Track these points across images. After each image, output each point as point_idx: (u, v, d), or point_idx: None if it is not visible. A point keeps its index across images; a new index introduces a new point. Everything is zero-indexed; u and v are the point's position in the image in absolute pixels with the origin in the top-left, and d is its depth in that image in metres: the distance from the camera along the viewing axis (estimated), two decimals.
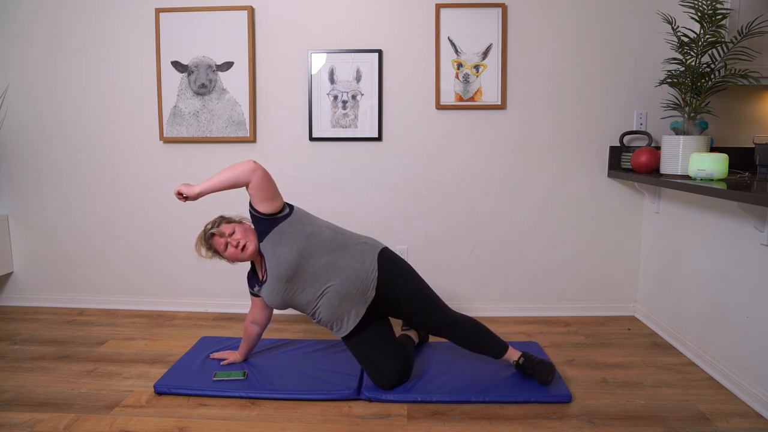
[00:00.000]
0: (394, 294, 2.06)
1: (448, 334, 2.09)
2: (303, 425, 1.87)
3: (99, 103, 3.03)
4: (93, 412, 1.95)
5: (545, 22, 2.83)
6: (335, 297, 2.02)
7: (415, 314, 2.07)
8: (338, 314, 2.06)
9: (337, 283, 2.02)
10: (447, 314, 2.08)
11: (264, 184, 1.96)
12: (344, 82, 2.89)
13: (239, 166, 1.95)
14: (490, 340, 2.11)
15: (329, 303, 2.03)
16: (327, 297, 2.03)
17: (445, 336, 2.09)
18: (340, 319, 2.07)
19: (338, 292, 2.02)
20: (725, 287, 2.16)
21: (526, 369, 2.10)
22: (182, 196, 2.00)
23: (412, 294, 2.06)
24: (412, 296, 2.06)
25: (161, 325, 2.88)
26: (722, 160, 2.12)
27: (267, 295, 2.07)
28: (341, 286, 2.02)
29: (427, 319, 2.07)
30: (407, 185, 2.97)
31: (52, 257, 3.18)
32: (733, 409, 1.95)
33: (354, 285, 2.02)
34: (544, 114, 2.89)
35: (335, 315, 2.06)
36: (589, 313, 3.02)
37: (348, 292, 2.02)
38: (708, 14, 2.31)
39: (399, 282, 2.06)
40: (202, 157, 3.02)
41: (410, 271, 2.11)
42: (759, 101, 2.81)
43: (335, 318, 2.07)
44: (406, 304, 2.06)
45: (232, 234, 2.03)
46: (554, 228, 2.97)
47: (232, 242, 2.01)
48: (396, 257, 2.13)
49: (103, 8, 2.95)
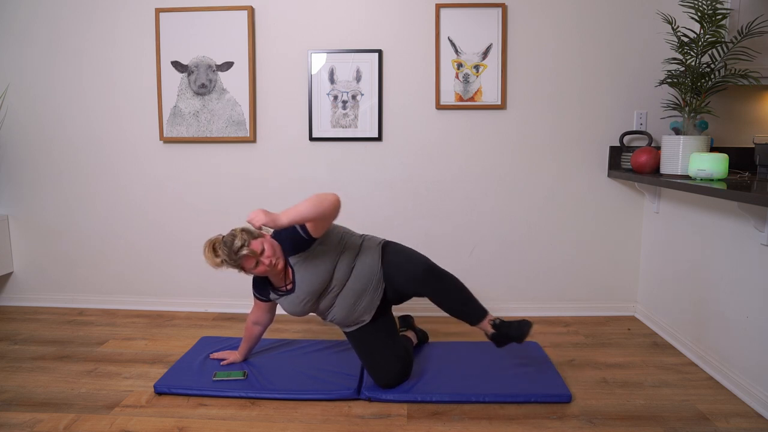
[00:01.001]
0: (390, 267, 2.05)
1: (430, 286, 1.98)
2: (303, 425, 1.87)
3: (99, 103, 3.03)
4: (93, 412, 1.95)
5: (545, 22, 2.83)
6: (351, 296, 2.06)
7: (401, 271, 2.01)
8: (353, 311, 2.08)
9: (351, 283, 2.05)
10: (428, 263, 2.01)
11: (336, 216, 1.96)
12: (344, 82, 2.89)
13: (327, 200, 1.88)
14: (471, 300, 2.04)
15: (345, 303, 2.07)
16: (342, 297, 2.06)
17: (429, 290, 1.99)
18: (354, 314, 2.09)
19: (354, 290, 2.05)
20: (725, 287, 2.16)
21: (502, 328, 2.02)
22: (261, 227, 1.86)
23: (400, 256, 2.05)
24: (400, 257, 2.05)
25: (161, 325, 2.88)
26: (722, 160, 2.12)
27: (291, 306, 2.07)
28: (355, 283, 2.05)
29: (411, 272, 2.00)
30: (407, 185, 2.97)
31: (52, 257, 3.18)
32: (733, 409, 1.95)
33: (369, 280, 2.06)
34: (544, 114, 2.89)
35: (350, 312, 2.08)
36: (589, 313, 3.02)
37: (362, 288, 2.06)
38: (708, 14, 2.31)
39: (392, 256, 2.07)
40: (202, 157, 3.02)
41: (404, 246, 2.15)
42: (759, 101, 2.81)
43: (349, 315, 2.09)
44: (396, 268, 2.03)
45: (262, 252, 1.94)
46: (554, 228, 2.97)
47: (264, 261, 1.93)
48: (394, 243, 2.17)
49: (103, 8, 2.95)
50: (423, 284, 1.99)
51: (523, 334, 1.99)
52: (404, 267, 2.02)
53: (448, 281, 2.03)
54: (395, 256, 2.07)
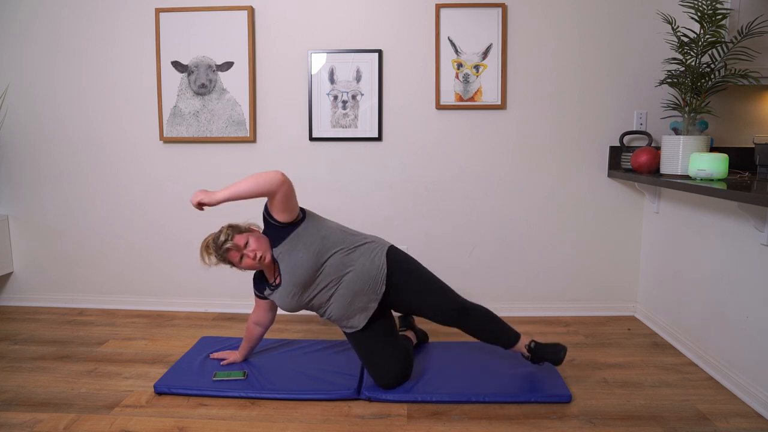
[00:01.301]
0: (405, 285, 2.06)
1: (459, 323, 2.05)
2: (303, 425, 1.87)
3: (99, 103, 3.03)
4: (93, 412, 1.95)
5: (545, 22, 2.83)
6: (347, 295, 2.04)
7: (426, 304, 2.05)
8: (350, 311, 2.07)
9: (348, 282, 2.03)
10: (458, 302, 2.06)
11: (289, 195, 1.93)
12: (344, 82, 2.89)
13: (266, 176, 1.88)
14: (502, 329, 2.09)
15: (341, 301, 2.05)
16: (339, 295, 2.04)
17: (457, 325, 2.06)
18: (351, 316, 2.08)
19: (350, 290, 2.03)
20: (725, 287, 2.16)
21: (538, 351, 2.08)
22: (200, 205, 1.90)
23: (422, 284, 2.06)
24: (422, 286, 2.06)
25: (161, 325, 2.88)
26: (722, 160, 2.12)
27: (281, 299, 2.07)
28: (353, 284, 2.03)
29: (438, 308, 2.04)
30: (407, 185, 2.97)
31: (52, 257, 3.18)
32: (733, 409, 1.95)
33: (366, 282, 2.04)
34: (544, 114, 2.89)
35: (347, 312, 2.07)
36: (589, 313, 3.02)
37: (360, 289, 2.04)
38: (708, 14, 2.31)
39: (408, 274, 2.07)
40: (202, 157, 3.02)
41: (417, 264, 2.13)
42: (759, 101, 2.81)
43: (346, 315, 2.08)
44: (417, 294, 2.05)
45: (246, 245, 1.97)
46: (554, 228, 2.97)
47: (249, 254, 1.96)
48: (403, 254, 2.15)
49: (103, 8, 2.95)
50: (450, 320, 2.06)
51: (559, 359, 2.07)
52: (427, 298, 2.05)
53: (479, 315, 2.07)
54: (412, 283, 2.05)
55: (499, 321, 2.10)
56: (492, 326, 2.08)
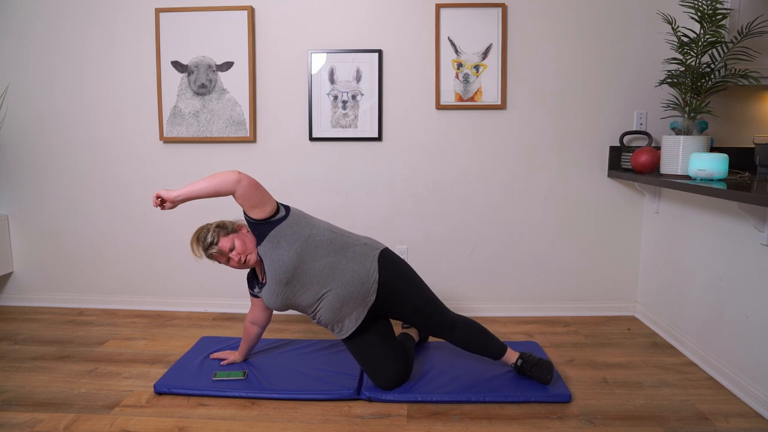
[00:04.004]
0: (394, 296, 2.05)
1: (446, 336, 2.09)
2: (303, 425, 1.87)
3: (99, 103, 3.03)
4: (93, 412, 1.95)
5: (545, 22, 2.83)
6: (336, 300, 2.01)
7: (414, 316, 2.07)
8: (339, 317, 2.05)
9: (337, 286, 2.00)
10: (446, 316, 2.08)
11: (249, 193, 1.91)
12: (344, 82, 2.89)
13: (222, 176, 1.89)
14: (489, 341, 2.11)
15: (330, 306, 2.03)
16: (327, 300, 2.02)
17: (444, 337, 2.10)
18: (341, 321, 2.07)
19: (339, 295, 2.01)
20: (725, 287, 2.16)
21: (524, 370, 2.11)
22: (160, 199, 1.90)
23: (412, 296, 2.06)
24: (412, 299, 2.06)
25: (161, 325, 2.88)
26: (722, 160, 2.12)
27: (266, 297, 2.06)
28: (342, 289, 2.00)
29: (425, 321, 2.07)
30: (407, 185, 2.97)
31: (52, 257, 3.18)
32: (733, 409, 1.95)
33: (355, 288, 2.01)
34: (544, 114, 2.89)
35: (336, 317, 2.05)
36: (589, 313, 3.02)
37: (349, 296, 2.01)
38: (708, 14, 2.31)
39: (399, 284, 2.06)
40: (202, 158, 3.02)
41: (410, 273, 2.11)
42: (759, 101, 2.81)
43: (336, 320, 2.06)
44: (406, 306, 2.06)
45: (231, 249, 1.99)
46: (554, 228, 2.97)
47: (234, 257, 2.00)
48: (396, 258, 2.12)
49: (103, 8, 2.95)
50: (438, 333, 2.10)
51: (545, 381, 2.08)
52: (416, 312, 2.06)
53: (465, 329, 2.09)
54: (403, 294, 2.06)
55: (485, 333, 2.12)
56: (478, 338, 2.10)
